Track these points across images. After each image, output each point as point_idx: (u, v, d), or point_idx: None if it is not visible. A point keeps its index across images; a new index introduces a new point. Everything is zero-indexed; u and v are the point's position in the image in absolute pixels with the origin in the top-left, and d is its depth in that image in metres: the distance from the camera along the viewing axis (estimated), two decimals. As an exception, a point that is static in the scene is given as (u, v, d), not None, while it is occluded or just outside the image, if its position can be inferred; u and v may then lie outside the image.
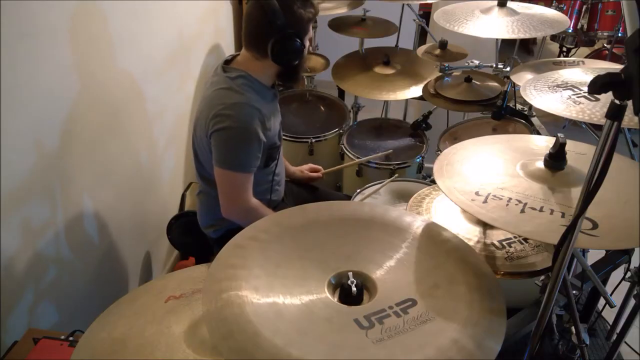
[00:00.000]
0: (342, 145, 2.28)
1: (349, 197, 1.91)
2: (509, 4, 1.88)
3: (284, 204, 1.78)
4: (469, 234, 1.28)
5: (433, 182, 1.68)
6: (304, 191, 1.97)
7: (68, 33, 1.40)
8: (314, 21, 1.48)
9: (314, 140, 2.33)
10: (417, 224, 1.12)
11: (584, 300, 1.69)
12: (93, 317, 1.04)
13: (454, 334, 0.84)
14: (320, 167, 2.04)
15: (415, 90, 2.27)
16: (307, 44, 1.48)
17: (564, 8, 3.37)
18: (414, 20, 2.46)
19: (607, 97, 0.81)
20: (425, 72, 2.36)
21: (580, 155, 1.17)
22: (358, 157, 2.17)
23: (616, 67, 1.49)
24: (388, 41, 2.54)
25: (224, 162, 1.44)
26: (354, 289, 0.92)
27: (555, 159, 1.10)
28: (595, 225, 0.95)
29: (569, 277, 1.15)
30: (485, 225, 1.31)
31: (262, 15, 1.38)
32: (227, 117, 1.38)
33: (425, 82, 2.23)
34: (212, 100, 1.43)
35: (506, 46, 2.37)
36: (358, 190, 1.90)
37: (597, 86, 0.70)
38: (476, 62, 2.07)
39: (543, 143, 1.28)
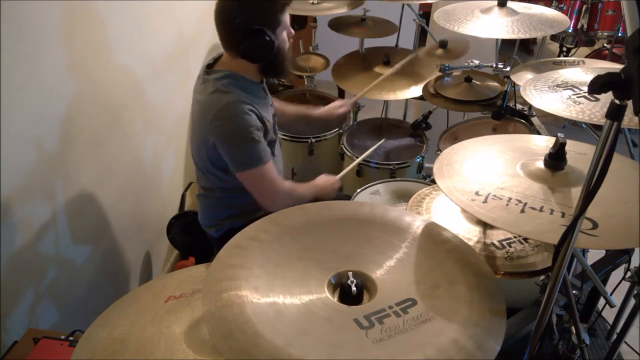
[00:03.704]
0: (342, 145, 2.28)
1: (348, 197, 1.91)
2: (509, 4, 1.88)
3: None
4: (469, 234, 1.28)
5: (433, 182, 1.68)
6: None
7: (68, 33, 1.41)
8: (284, 9, 1.42)
9: (314, 140, 2.33)
10: (417, 224, 1.12)
11: (584, 300, 1.69)
12: (93, 317, 1.04)
13: (454, 334, 0.84)
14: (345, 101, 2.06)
15: (415, 90, 2.27)
16: (283, 35, 1.45)
17: (564, 8, 3.37)
18: (414, 20, 2.46)
19: (607, 97, 0.81)
20: (425, 72, 2.36)
21: (580, 155, 1.17)
22: (358, 157, 2.17)
23: (616, 67, 1.49)
24: (388, 41, 2.54)
25: (242, 164, 1.43)
26: (354, 288, 0.92)
27: (555, 159, 1.10)
28: (595, 225, 0.95)
29: (569, 277, 1.15)
30: (485, 225, 1.30)
31: (223, 16, 1.38)
32: (224, 119, 1.38)
33: (425, 82, 2.23)
34: (204, 107, 1.42)
35: (506, 46, 2.37)
36: (358, 190, 1.90)
37: (597, 86, 0.70)
38: (476, 62, 2.07)
39: (543, 143, 1.28)
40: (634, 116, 0.87)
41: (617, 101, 0.71)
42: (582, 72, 1.39)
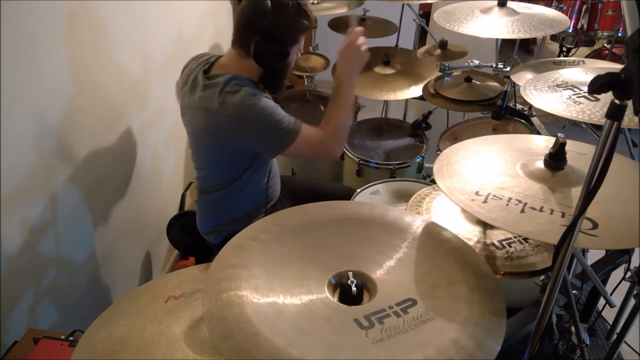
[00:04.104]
0: (342, 145, 2.28)
1: (349, 189, 1.90)
2: (509, 4, 1.88)
3: (281, 203, 1.78)
4: (469, 234, 1.28)
5: (433, 182, 1.68)
6: (300, 189, 1.97)
7: (68, 33, 1.40)
8: (305, 32, 1.47)
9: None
10: (417, 224, 1.12)
11: (584, 300, 1.69)
12: (93, 317, 1.04)
13: (454, 334, 0.84)
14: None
15: (415, 90, 2.27)
16: (294, 53, 1.49)
17: (564, 8, 3.38)
18: (414, 20, 2.46)
19: (607, 97, 0.81)
20: (425, 72, 2.36)
21: (580, 155, 1.17)
22: (358, 157, 2.17)
23: (616, 67, 1.49)
24: (388, 41, 2.54)
25: (282, 143, 1.42)
26: (354, 288, 0.92)
27: (555, 159, 1.10)
28: (595, 225, 0.95)
29: (569, 277, 1.15)
30: (485, 225, 1.30)
31: (252, 13, 1.38)
32: (245, 115, 1.37)
33: (425, 82, 2.23)
34: (219, 113, 1.39)
35: (506, 46, 2.37)
36: (358, 190, 1.90)
37: (597, 86, 0.70)
38: (476, 62, 2.07)
39: (543, 143, 1.28)
40: (634, 116, 0.87)
41: (617, 101, 0.71)
42: (582, 72, 1.39)
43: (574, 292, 1.19)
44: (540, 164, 1.12)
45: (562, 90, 1.29)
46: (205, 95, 1.43)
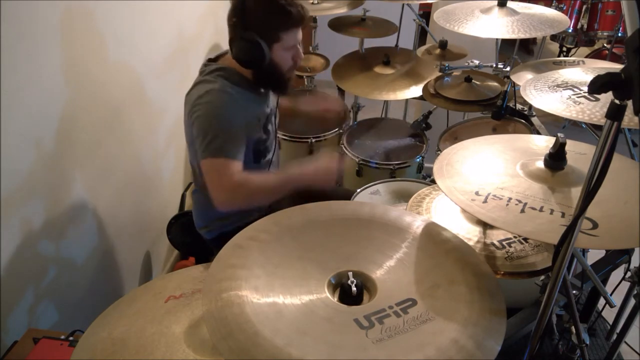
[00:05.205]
0: (342, 145, 2.28)
1: (349, 192, 1.91)
2: (509, 4, 1.88)
3: (283, 203, 1.78)
4: (469, 234, 1.28)
5: (433, 182, 1.68)
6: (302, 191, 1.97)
7: (68, 33, 1.40)
8: (288, 29, 1.41)
9: (314, 140, 2.33)
10: (417, 224, 1.12)
11: (584, 300, 1.69)
12: (93, 317, 1.04)
13: (454, 334, 0.84)
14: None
15: (415, 90, 2.27)
16: (282, 53, 1.44)
17: (564, 8, 3.38)
18: (414, 20, 2.46)
19: (607, 97, 0.81)
20: (425, 72, 2.36)
21: (580, 155, 1.17)
22: (358, 157, 2.17)
23: (616, 67, 1.49)
24: (388, 41, 2.54)
25: (204, 151, 1.37)
26: (354, 288, 0.92)
27: (555, 159, 1.10)
28: (595, 225, 0.95)
29: (569, 277, 1.15)
30: (485, 225, 1.30)
31: (229, 12, 1.41)
32: (200, 105, 1.38)
33: (425, 82, 2.23)
34: (190, 98, 1.44)
35: (506, 46, 2.37)
36: (358, 190, 1.90)
37: (597, 86, 0.70)
38: (476, 62, 2.07)
39: (543, 143, 1.28)
40: (634, 116, 0.87)
41: (617, 101, 0.71)
42: (582, 72, 1.39)
43: (574, 292, 1.19)
44: (540, 164, 1.12)
45: (562, 90, 1.29)
46: (194, 82, 1.48)
